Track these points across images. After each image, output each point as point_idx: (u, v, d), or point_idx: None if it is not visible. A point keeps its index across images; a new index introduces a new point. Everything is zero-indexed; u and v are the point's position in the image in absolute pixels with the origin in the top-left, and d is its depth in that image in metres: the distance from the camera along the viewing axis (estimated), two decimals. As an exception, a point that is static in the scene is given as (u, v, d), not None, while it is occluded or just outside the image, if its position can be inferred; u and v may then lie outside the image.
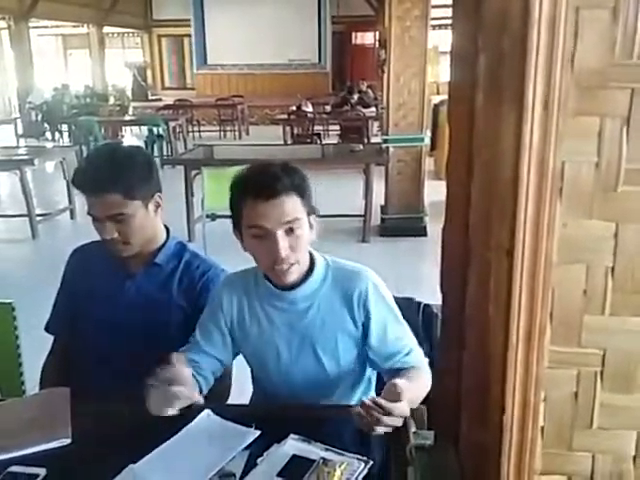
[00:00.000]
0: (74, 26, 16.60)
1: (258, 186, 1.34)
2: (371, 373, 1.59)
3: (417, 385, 1.37)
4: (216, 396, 1.59)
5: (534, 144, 0.58)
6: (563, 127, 0.59)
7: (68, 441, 1.31)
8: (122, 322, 1.65)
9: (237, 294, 1.52)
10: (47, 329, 1.80)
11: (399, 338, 1.46)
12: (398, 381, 1.26)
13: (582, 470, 0.71)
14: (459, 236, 0.73)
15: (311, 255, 1.46)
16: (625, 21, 0.57)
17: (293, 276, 1.41)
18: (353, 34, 17.41)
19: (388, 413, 1.17)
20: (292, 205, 1.34)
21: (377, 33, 15.29)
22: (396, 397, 1.20)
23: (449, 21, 0.79)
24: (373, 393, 1.59)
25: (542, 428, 0.69)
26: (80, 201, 1.63)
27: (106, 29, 16.23)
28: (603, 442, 0.70)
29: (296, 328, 1.47)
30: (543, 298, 0.63)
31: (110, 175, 1.53)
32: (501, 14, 0.55)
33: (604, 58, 0.58)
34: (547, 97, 0.57)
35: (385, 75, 5.69)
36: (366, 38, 17.18)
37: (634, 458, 0.70)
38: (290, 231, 1.35)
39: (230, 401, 1.69)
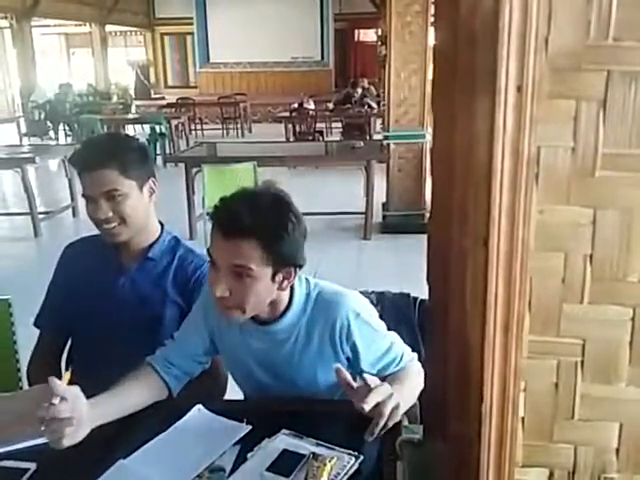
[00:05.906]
0: (77, 25, 16.60)
1: (222, 219, 1.27)
2: None
3: (407, 384, 1.35)
4: (210, 396, 1.58)
5: (508, 129, 0.57)
6: (538, 111, 0.57)
7: (58, 436, 1.31)
8: (116, 318, 1.65)
9: None
10: (35, 323, 1.79)
11: (387, 353, 1.41)
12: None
13: (564, 462, 0.70)
14: (443, 227, 0.72)
15: (291, 286, 1.38)
16: (599, 1, 0.56)
17: (235, 318, 1.34)
18: (356, 31, 17.38)
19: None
20: (246, 251, 1.24)
21: (379, 30, 15.26)
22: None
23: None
24: None
25: (522, 419, 0.69)
26: (82, 199, 1.64)
27: (109, 28, 16.24)
28: (585, 434, 0.69)
29: (272, 357, 1.42)
30: (521, 287, 0.62)
31: (107, 151, 1.58)
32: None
33: (578, 39, 0.56)
34: (521, 80, 0.56)
35: (386, 71, 5.67)
36: (369, 35, 17.12)
37: (616, 450, 0.69)
38: (237, 275, 1.26)
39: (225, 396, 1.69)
